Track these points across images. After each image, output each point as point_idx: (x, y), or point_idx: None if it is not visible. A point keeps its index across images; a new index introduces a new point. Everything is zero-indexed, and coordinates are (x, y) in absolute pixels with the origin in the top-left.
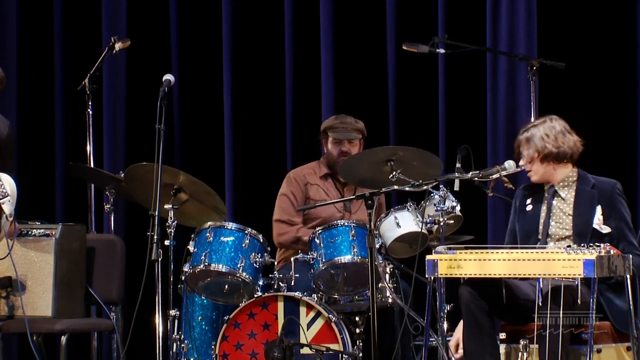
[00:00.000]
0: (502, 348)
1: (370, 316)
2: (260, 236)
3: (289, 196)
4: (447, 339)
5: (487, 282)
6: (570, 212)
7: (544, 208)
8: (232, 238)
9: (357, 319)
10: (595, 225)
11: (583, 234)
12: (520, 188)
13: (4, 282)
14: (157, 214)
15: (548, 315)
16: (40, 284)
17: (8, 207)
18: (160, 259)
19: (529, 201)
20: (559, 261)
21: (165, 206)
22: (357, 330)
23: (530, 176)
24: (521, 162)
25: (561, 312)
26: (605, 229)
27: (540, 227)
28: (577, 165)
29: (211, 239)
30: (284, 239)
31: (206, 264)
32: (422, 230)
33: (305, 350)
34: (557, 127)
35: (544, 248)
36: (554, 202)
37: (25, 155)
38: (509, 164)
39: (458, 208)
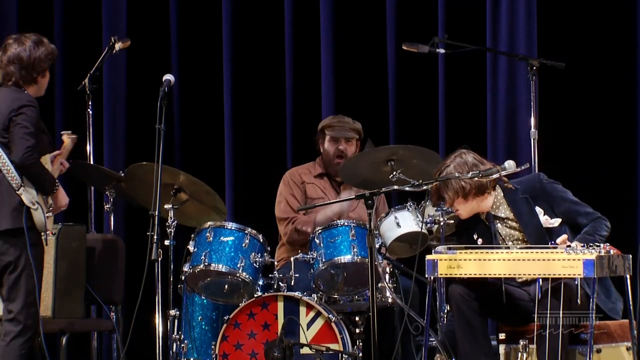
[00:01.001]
0: (502, 348)
1: (370, 316)
2: (260, 236)
3: (287, 198)
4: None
5: (479, 283)
6: (517, 227)
7: (492, 235)
8: (232, 238)
9: (357, 319)
10: (546, 225)
11: (540, 240)
12: (458, 223)
13: None
14: (157, 214)
15: (548, 314)
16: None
17: (26, 197)
18: (160, 259)
19: (475, 236)
20: (559, 261)
21: (165, 206)
22: (357, 330)
23: (458, 215)
24: (446, 206)
25: (561, 310)
26: (556, 222)
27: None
28: (499, 185)
29: (211, 238)
30: (288, 238)
31: (206, 263)
32: (422, 230)
33: (305, 350)
34: (469, 160)
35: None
36: (498, 226)
37: None
38: (509, 164)
39: None
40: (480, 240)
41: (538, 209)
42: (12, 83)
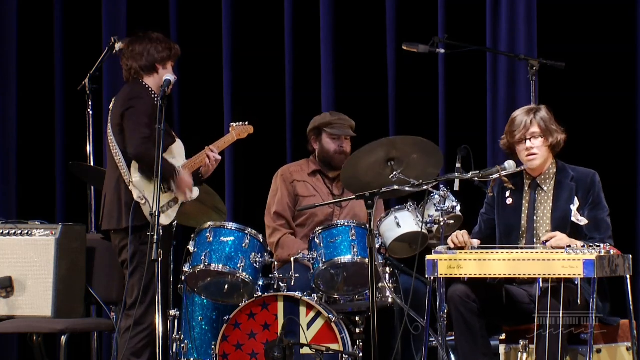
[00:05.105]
0: (502, 348)
1: (370, 316)
2: (260, 236)
3: (277, 194)
4: (447, 339)
5: (479, 283)
6: (550, 206)
7: (525, 202)
8: (232, 238)
9: (357, 319)
10: (572, 219)
11: (562, 228)
12: (498, 179)
13: (4, 282)
14: (157, 214)
15: (548, 314)
16: (40, 284)
17: (135, 192)
18: (160, 259)
19: (508, 194)
20: (559, 261)
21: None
22: (357, 330)
23: (531, 159)
24: (532, 144)
25: (561, 310)
26: (583, 221)
27: (523, 222)
28: (556, 158)
29: (211, 239)
30: (270, 239)
31: (206, 264)
32: (422, 230)
33: (305, 350)
34: (552, 115)
35: (539, 246)
36: (537, 197)
37: (26, 155)
38: (509, 164)
39: (458, 208)
40: (510, 200)
41: (575, 199)
42: (130, 76)
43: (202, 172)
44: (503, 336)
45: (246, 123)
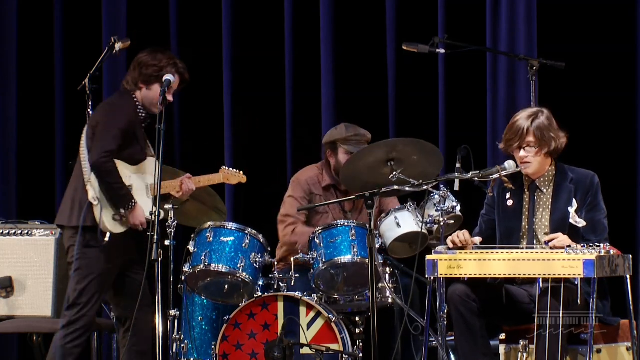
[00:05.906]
0: (502, 348)
1: (370, 316)
2: (261, 236)
3: (295, 200)
4: (447, 339)
5: (479, 283)
6: (549, 208)
7: (525, 205)
8: (232, 238)
9: (357, 319)
10: (570, 220)
11: (560, 230)
12: (498, 180)
13: (4, 282)
14: (157, 214)
15: (548, 314)
16: (40, 284)
17: (91, 192)
18: (160, 259)
19: (508, 195)
20: (559, 261)
21: (166, 206)
22: (357, 330)
23: (525, 167)
24: (526, 153)
25: (561, 310)
26: (581, 223)
27: (524, 223)
28: (556, 160)
29: (211, 239)
30: (284, 239)
31: (206, 264)
32: (422, 230)
33: (305, 350)
34: (553, 120)
35: (538, 248)
36: (536, 199)
37: (26, 155)
38: (509, 164)
39: (458, 208)
40: (510, 202)
41: (574, 201)
42: (122, 85)
43: (177, 196)
44: (503, 336)
45: (240, 172)
